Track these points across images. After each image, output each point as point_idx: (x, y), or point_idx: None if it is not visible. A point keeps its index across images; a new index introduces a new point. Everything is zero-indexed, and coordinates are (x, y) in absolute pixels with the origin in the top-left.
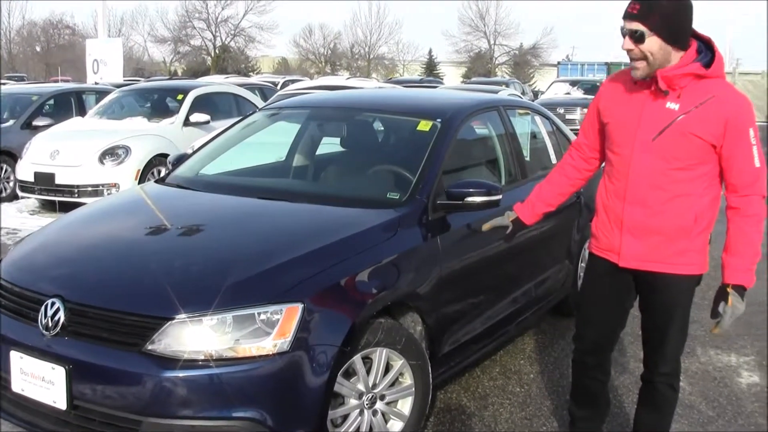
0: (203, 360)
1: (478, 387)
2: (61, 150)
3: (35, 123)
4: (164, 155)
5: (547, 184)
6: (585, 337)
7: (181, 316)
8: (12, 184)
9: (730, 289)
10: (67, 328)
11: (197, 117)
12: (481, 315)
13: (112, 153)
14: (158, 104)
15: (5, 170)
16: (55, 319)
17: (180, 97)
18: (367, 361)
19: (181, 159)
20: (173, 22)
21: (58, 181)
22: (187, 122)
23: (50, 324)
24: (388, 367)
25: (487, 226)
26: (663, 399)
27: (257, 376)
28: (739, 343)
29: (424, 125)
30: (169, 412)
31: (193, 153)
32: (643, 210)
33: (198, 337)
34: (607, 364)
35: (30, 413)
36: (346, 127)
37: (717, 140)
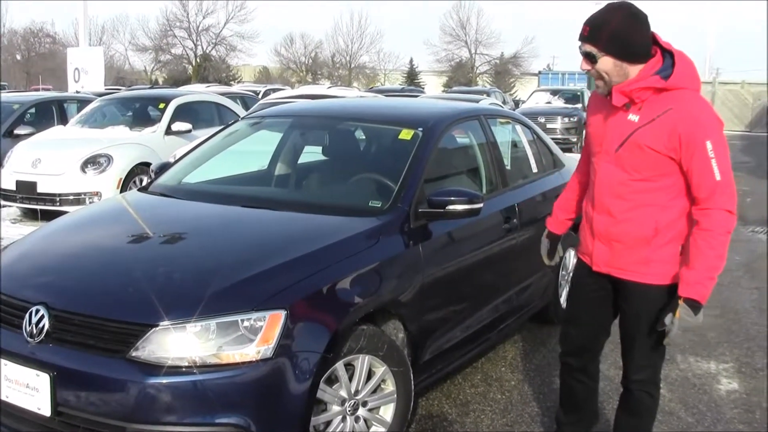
0: (187, 366)
1: (459, 394)
2: (42, 159)
3: (17, 132)
4: (146, 164)
5: (565, 193)
6: (569, 336)
7: (164, 323)
8: None
9: (681, 302)
10: (51, 335)
11: (179, 126)
12: (463, 322)
13: (94, 162)
14: (140, 113)
15: None
16: (40, 326)
17: (162, 105)
18: (350, 367)
19: (164, 168)
20: (154, 31)
21: (39, 189)
22: (168, 131)
23: (35, 331)
24: (370, 374)
25: (547, 259)
26: (640, 405)
27: (241, 383)
28: (719, 351)
29: (406, 134)
30: (153, 418)
31: (176, 162)
32: (607, 218)
33: (182, 343)
34: (593, 368)
35: (14, 420)
36: (328, 136)
37: (674, 153)
